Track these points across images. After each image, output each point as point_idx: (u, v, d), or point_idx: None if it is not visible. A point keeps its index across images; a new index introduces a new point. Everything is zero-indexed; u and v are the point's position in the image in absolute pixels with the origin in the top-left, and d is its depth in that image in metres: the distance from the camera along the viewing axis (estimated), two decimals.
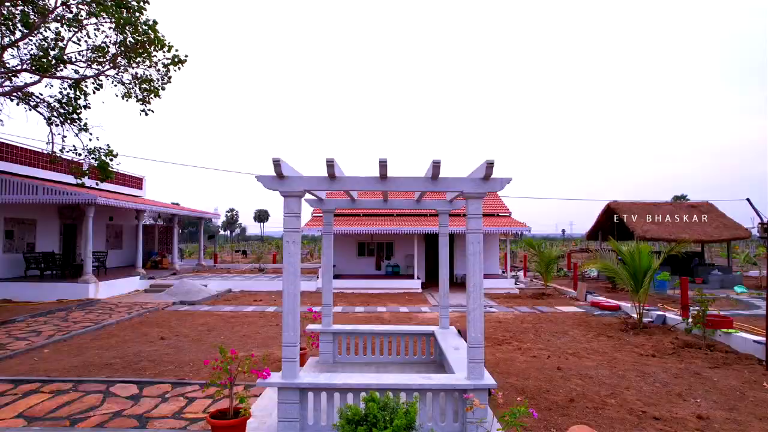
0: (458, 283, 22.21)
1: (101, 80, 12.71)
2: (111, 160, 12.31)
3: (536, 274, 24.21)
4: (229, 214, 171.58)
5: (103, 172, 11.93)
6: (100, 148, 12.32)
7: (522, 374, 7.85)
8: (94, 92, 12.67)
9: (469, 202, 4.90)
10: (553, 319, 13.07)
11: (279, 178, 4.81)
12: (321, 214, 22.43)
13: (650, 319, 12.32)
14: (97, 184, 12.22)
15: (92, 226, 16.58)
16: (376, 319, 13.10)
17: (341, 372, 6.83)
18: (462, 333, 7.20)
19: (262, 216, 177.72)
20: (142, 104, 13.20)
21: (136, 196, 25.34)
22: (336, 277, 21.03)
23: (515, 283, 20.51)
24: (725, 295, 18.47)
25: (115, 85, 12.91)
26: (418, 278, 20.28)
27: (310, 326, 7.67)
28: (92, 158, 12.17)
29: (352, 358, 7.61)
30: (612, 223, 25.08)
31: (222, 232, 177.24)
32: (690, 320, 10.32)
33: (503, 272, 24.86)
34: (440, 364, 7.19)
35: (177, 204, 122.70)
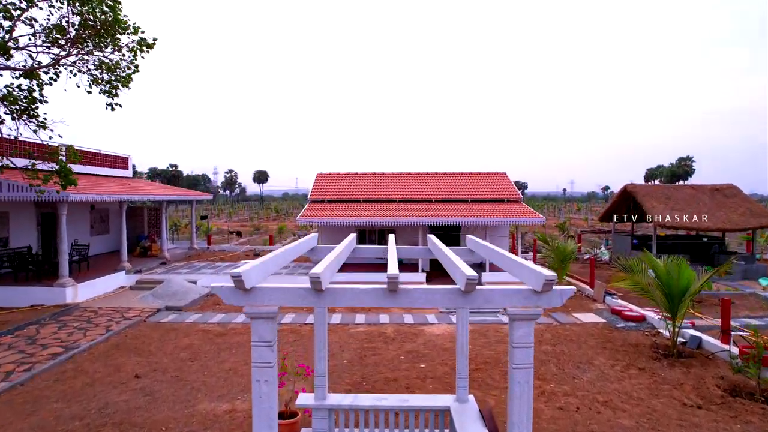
0: None
1: (59, 69, 10.94)
2: (75, 162, 10.72)
3: (546, 260, 22.96)
4: (228, 175, 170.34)
5: (64, 179, 10.37)
6: (60, 147, 10.66)
7: None
8: (50, 83, 10.94)
9: (515, 324, 3.46)
10: (573, 337, 11.84)
11: (242, 291, 3.36)
12: (319, 200, 21.02)
13: (683, 340, 11.08)
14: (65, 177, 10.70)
15: (66, 225, 15.14)
16: (378, 337, 11.88)
17: None
18: (484, 416, 5.91)
19: (261, 177, 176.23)
20: (108, 96, 11.47)
21: (123, 177, 23.75)
22: None
23: None
24: (751, 291, 17.26)
25: (74, 75, 11.14)
26: (423, 271, 19.00)
27: (301, 399, 6.37)
28: (52, 162, 10.57)
29: None
30: (628, 207, 23.63)
31: (222, 192, 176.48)
32: (737, 358, 9.04)
33: None
34: None
35: (175, 166, 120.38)
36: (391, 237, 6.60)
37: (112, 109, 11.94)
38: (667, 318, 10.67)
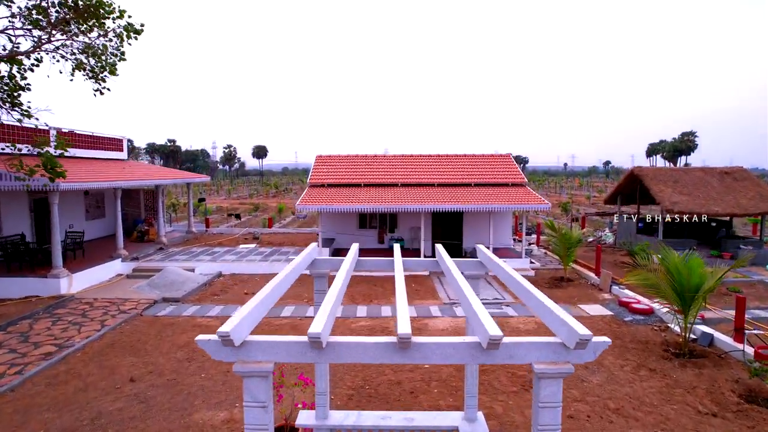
0: (466, 257, 20.64)
1: (40, 54, 10.29)
2: (62, 154, 10.16)
3: (550, 244, 22.61)
4: (227, 150, 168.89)
5: (51, 171, 9.84)
6: (47, 137, 10.10)
7: None
8: (32, 69, 10.30)
9: (541, 383, 3.04)
10: None
11: (231, 346, 2.95)
12: (319, 184, 20.50)
13: (694, 337, 10.78)
14: (61, 154, 10.17)
15: (59, 212, 14.72)
16: (380, 333, 11.57)
17: None
18: None
19: (260, 152, 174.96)
20: (95, 81, 10.84)
21: (117, 160, 23.17)
22: (334, 254, 19.41)
23: (530, 263, 18.91)
24: (759, 278, 16.93)
25: (58, 61, 10.50)
26: (425, 256, 18.63)
27: (302, 417, 6.05)
28: (36, 152, 10.01)
29: None
30: (634, 190, 23.15)
31: (221, 167, 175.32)
32: (755, 361, 8.72)
33: (515, 239, 23.26)
34: None
35: (173, 141, 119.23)
36: (397, 248, 6.17)
37: (101, 94, 11.35)
38: (677, 312, 10.33)
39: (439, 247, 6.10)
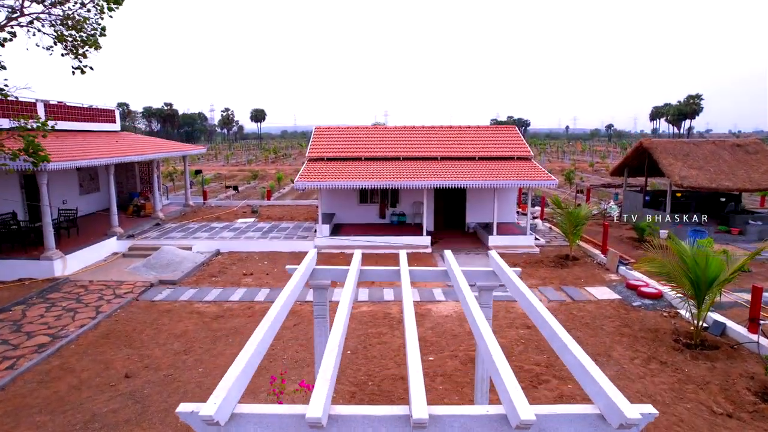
0: (469, 233, 20.28)
1: (13, 28, 9.52)
2: (44, 135, 9.54)
3: (554, 217, 22.17)
4: (224, 114, 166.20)
5: (34, 156, 9.27)
6: (26, 120, 9.45)
7: None
8: (2, 44, 9.55)
9: None
10: (588, 319, 11.24)
11: (218, 425, 2.52)
12: (318, 158, 19.85)
13: (705, 325, 10.48)
14: (53, 127, 9.58)
15: (51, 188, 14.22)
16: (383, 320, 11.28)
17: None
18: None
19: (258, 115, 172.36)
20: (75, 57, 10.10)
21: (110, 132, 22.43)
22: (335, 230, 19.01)
23: (535, 239, 18.51)
24: None
25: (34, 34, 9.73)
26: (427, 233, 18.23)
27: None
28: (18, 135, 9.40)
29: None
30: (641, 162, 22.52)
31: (219, 130, 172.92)
32: None
33: (519, 213, 22.82)
34: None
35: (170, 105, 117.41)
36: (403, 255, 5.71)
37: (82, 72, 10.62)
38: (690, 298, 9.95)
39: (448, 254, 5.65)
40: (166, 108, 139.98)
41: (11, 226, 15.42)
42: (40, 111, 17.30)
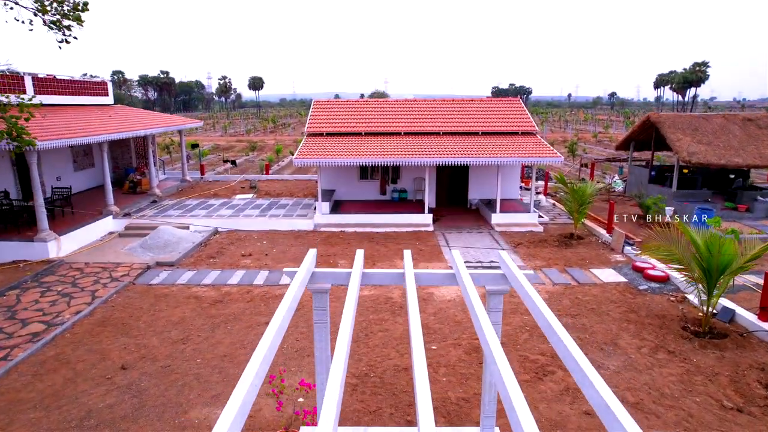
0: (472, 210, 19.95)
1: None
2: (27, 119, 9.06)
3: (557, 192, 21.78)
4: (221, 82, 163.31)
5: (19, 140, 8.82)
6: (6, 97, 8.94)
7: None
8: None
9: None
10: (594, 304, 11.02)
11: None
12: (317, 133, 19.31)
13: (714, 311, 10.25)
14: (40, 103, 9.13)
15: (44, 167, 13.81)
16: (385, 304, 11.07)
17: None
18: None
19: (256, 83, 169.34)
20: (58, 30, 9.52)
21: (103, 105, 21.79)
22: (335, 207, 18.67)
23: (538, 217, 18.18)
24: None
25: (11, 8, 9.13)
26: (429, 211, 17.87)
27: None
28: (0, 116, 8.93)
29: None
30: (648, 136, 21.99)
31: (216, 99, 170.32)
32: None
33: (522, 188, 22.43)
34: None
35: (167, 73, 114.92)
36: (407, 254, 5.37)
37: (67, 42, 10.06)
38: (699, 282, 9.69)
39: (456, 254, 5.32)
40: (162, 76, 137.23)
41: (3, 205, 15.05)
42: (28, 85, 16.69)
